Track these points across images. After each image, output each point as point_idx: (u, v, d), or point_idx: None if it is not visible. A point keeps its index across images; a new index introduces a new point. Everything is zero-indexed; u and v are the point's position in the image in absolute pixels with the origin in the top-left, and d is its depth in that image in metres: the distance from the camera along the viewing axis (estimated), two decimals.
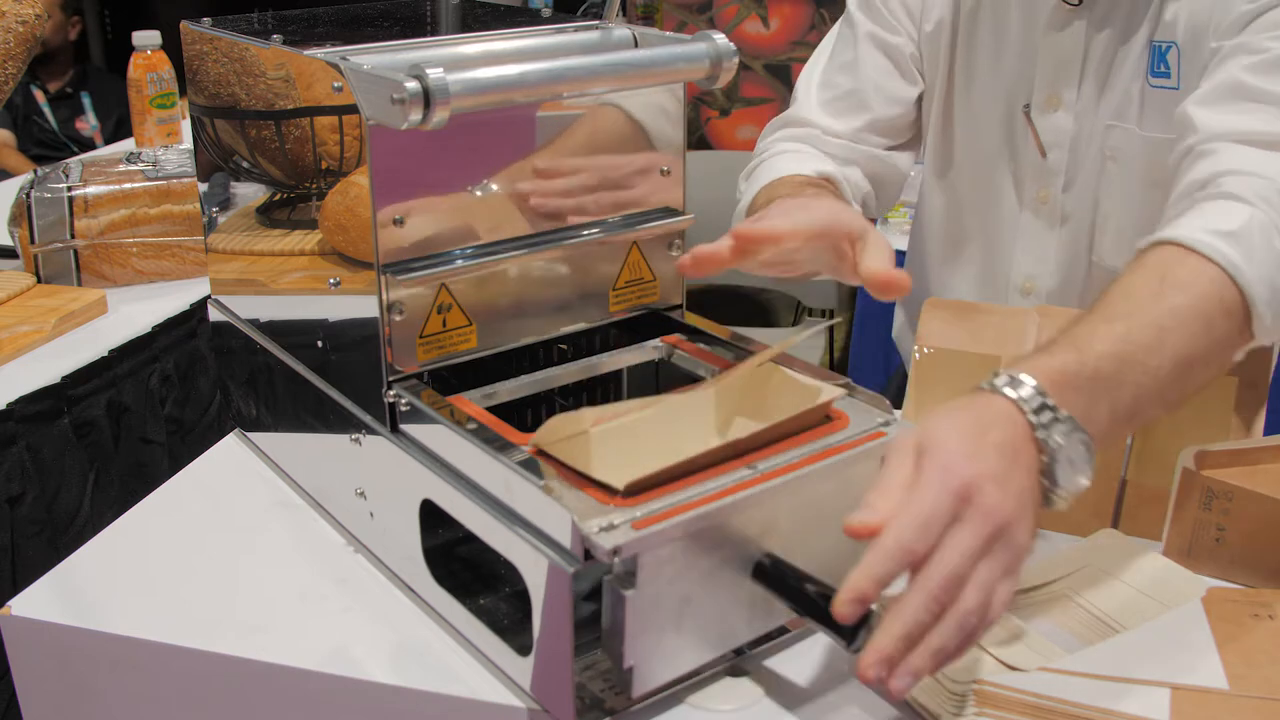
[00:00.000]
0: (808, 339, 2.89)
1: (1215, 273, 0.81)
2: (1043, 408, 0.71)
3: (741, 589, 0.73)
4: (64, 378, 1.33)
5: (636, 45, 0.92)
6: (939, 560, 0.64)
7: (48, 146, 3.54)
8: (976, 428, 0.69)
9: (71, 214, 1.52)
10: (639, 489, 0.69)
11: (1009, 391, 0.71)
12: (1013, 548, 0.66)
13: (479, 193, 0.84)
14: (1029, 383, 0.72)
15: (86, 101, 3.59)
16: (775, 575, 0.72)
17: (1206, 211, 0.86)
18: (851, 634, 0.67)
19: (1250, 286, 0.81)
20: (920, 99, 1.24)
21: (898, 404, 0.96)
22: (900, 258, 2.24)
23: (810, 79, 1.27)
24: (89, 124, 3.59)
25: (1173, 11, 1.04)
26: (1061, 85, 1.12)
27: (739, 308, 3.05)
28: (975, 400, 0.72)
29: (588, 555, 0.66)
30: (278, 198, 0.96)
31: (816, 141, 1.23)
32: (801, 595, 0.71)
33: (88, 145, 3.54)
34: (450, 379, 0.86)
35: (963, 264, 1.28)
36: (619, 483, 0.69)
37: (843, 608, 0.64)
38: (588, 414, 0.75)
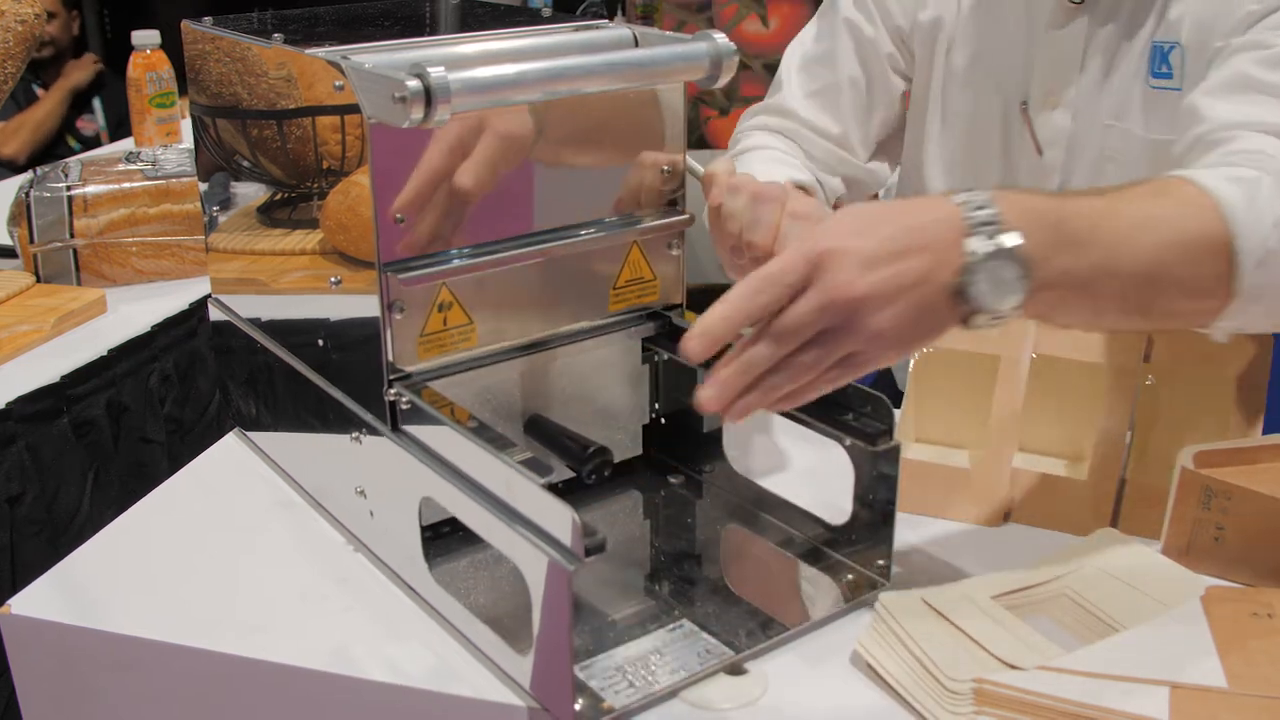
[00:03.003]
0: None
1: (1211, 205, 0.77)
2: (989, 221, 0.68)
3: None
4: (63, 377, 1.33)
5: (636, 45, 0.92)
6: (779, 318, 0.67)
7: (48, 143, 3.54)
8: (885, 214, 0.69)
9: (71, 213, 1.52)
10: None
11: (959, 197, 0.70)
12: (856, 332, 0.67)
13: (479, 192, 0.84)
14: (984, 196, 0.70)
15: (98, 104, 3.59)
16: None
17: (1218, 167, 0.83)
18: (583, 464, 0.84)
19: (1241, 234, 0.77)
20: (903, 96, 1.23)
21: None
22: None
23: (791, 63, 1.25)
24: (96, 124, 3.59)
25: (1177, 11, 1.02)
26: (1060, 83, 1.11)
27: None
28: (923, 198, 0.71)
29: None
30: (278, 197, 0.97)
31: (801, 139, 1.21)
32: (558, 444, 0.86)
33: (90, 143, 3.54)
34: None
35: None
36: None
37: (689, 342, 0.69)
38: None
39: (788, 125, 1.22)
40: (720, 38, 0.84)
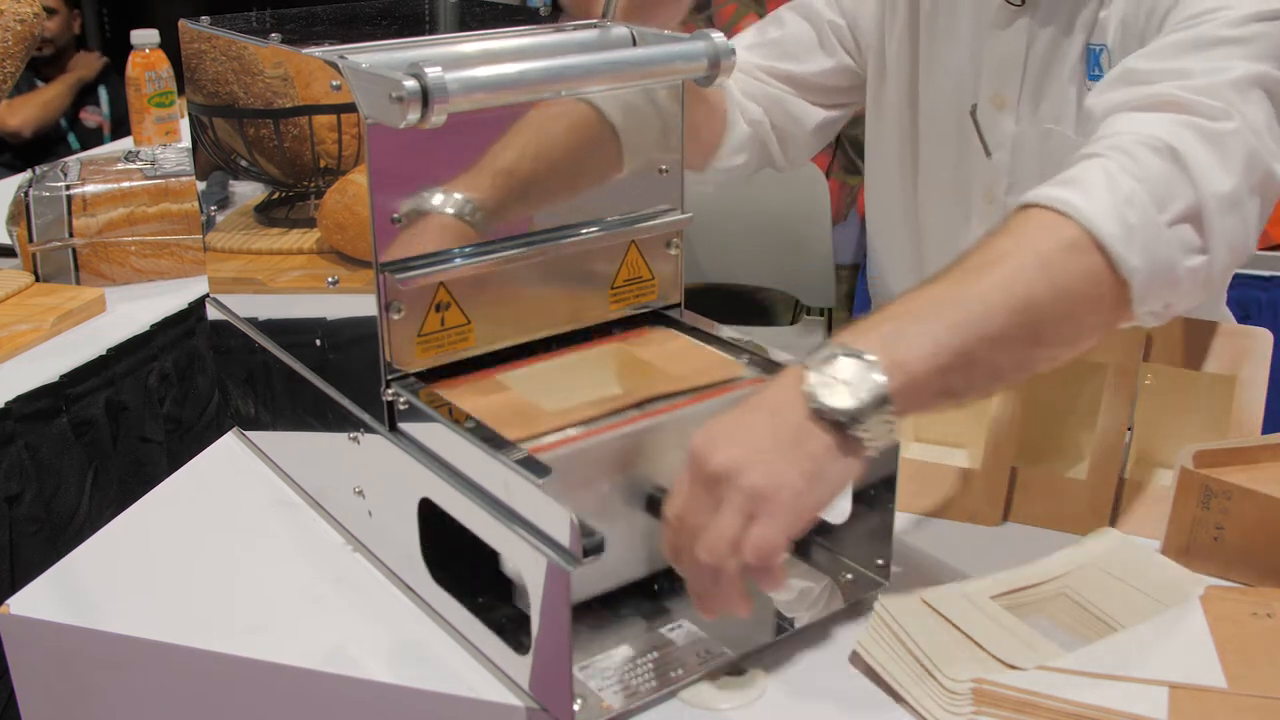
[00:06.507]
0: (801, 336, 2.88)
1: (1048, 216, 0.77)
2: (829, 357, 0.70)
3: (636, 522, 0.79)
4: (62, 376, 1.33)
5: (635, 44, 0.92)
6: (702, 541, 0.70)
7: (48, 136, 3.54)
8: (744, 407, 0.72)
9: (70, 213, 1.52)
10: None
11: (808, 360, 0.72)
12: (737, 488, 0.69)
13: (477, 192, 0.84)
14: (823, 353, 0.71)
15: (103, 92, 3.60)
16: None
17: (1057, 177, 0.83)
18: None
19: (1090, 221, 0.76)
20: (847, 72, 1.22)
21: None
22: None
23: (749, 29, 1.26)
24: (101, 114, 3.59)
25: (1106, 13, 1.02)
26: (1005, 85, 1.10)
27: (737, 307, 3.04)
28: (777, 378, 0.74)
29: None
30: (276, 196, 0.96)
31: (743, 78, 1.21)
32: None
33: (90, 135, 3.54)
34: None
35: (923, 264, 1.25)
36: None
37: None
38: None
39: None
40: (718, 37, 0.84)
